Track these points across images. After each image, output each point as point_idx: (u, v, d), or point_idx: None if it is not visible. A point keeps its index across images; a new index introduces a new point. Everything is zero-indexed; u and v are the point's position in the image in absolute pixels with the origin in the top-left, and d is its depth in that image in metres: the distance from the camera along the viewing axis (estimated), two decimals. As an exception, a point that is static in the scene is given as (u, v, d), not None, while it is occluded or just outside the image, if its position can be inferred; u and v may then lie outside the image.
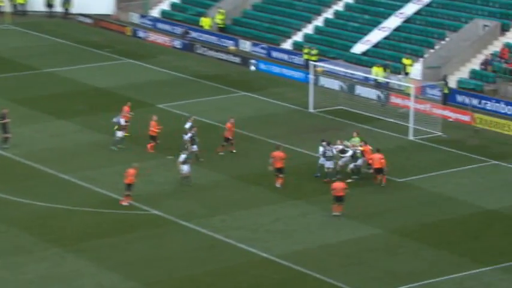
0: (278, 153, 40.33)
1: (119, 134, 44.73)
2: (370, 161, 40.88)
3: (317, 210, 38.08)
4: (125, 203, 38.29)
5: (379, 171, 40.58)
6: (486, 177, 42.14)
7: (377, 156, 40.61)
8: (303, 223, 37.01)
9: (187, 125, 44.07)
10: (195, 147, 42.73)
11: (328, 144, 41.09)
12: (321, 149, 41.11)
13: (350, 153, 41.40)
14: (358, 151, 41.37)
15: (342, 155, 41.38)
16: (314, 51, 57.13)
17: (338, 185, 37.42)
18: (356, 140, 42.56)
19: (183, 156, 40.17)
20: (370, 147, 41.55)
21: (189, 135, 43.15)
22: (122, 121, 45.13)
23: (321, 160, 41.15)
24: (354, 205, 38.49)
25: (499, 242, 35.61)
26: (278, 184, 40.15)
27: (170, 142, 44.89)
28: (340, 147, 41.57)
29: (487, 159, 44.14)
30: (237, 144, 44.87)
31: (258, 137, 46.06)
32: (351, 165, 41.21)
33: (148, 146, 44.34)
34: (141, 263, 33.69)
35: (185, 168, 40.03)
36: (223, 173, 42.12)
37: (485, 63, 53.48)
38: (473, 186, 41.08)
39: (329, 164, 40.83)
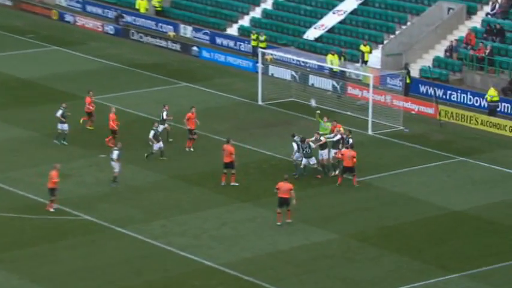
0: (227, 147, 40.52)
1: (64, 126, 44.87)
2: (340, 157, 40.89)
3: (267, 213, 38.28)
4: (51, 209, 38.13)
5: (349, 170, 40.47)
6: (452, 175, 42.74)
7: (350, 153, 40.50)
8: (251, 228, 37.18)
9: (164, 114, 44.43)
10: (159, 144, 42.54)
11: (303, 141, 41.14)
12: (295, 145, 41.25)
13: (338, 137, 41.76)
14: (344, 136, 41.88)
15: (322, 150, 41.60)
16: (263, 38, 57.35)
17: (284, 186, 36.73)
18: (328, 124, 43.01)
19: (116, 153, 40.07)
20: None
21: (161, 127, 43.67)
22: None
23: (296, 156, 41.27)
24: (308, 208, 38.77)
25: (466, 246, 36.16)
26: (223, 182, 40.24)
27: (103, 139, 44.78)
28: (323, 139, 41.68)
29: (453, 156, 44.76)
30: (178, 141, 44.92)
31: (201, 133, 46.11)
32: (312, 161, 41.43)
33: (107, 140, 44.22)
34: (71, 275, 33.58)
35: (117, 166, 39.93)
36: (162, 172, 42.14)
37: (450, 50, 54.13)
38: (438, 185, 41.63)
39: (312, 161, 41.07)
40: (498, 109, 49.30)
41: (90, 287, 32.80)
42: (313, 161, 41.29)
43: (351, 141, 41.84)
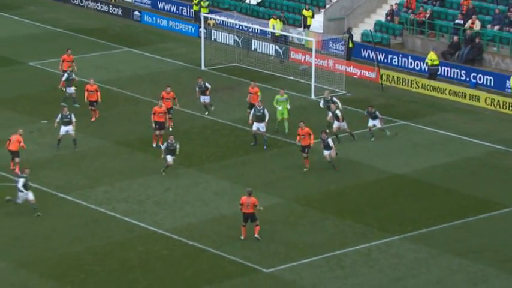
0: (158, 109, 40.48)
1: (71, 90, 44.31)
2: (298, 138, 39.51)
3: (211, 178, 38.40)
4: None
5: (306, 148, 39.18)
6: (393, 139, 43.13)
7: (306, 130, 39.17)
8: (195, 193, 37.25)
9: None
10: None
11: None
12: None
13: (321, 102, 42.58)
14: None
15: None
16: (205, 3, 57.13)
17: (247, 200, 33.43)
18: (284, 97, 42.89)
19: (21, 181, 35.24)
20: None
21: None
22: (72, 74, 44.60)
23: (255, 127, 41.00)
24: (251, 172, 38.96)
25: (407, 209, 36.61)
26: (154, 144, 40.29)
27: (44, 105, 44.49)
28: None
29: (394, 120, 45.17)
30: (120, 106, 44.70)
31: (144, 98, 45.97)
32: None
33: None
34: (12, 242, 33.41)
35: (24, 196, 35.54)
36: (104, 138, 42.00)
37: (391, 14, 54.40)
38: (379, 148, 42.01)
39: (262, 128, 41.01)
40: (438, 73, 49.79)
41: (33, 254, 32.69)
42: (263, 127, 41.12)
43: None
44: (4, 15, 58.79)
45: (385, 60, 51.71)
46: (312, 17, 55.11)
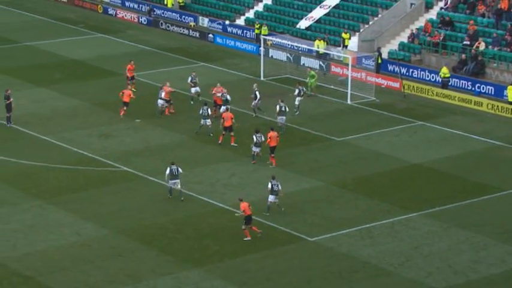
0: (227, 114, 40.16)
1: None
2: (268, 140, 37.78)
3: (267, 166, 38.18)
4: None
5: (273, 149, 37.71)
6: (412, 136, 42.59)
7: (274, 134, 37.89)
8: (255, 178, 37.09)
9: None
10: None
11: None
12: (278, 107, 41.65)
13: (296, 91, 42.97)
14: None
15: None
16: (264, 28, 56.92)
17: (245, 205, 31.48)
18: (312, 73, 45.62)
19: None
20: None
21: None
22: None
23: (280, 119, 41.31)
24: (299, 161, 38.70)
25: (423, 191, 36.12)
26: (220, 141, 39.97)
27: (138, 107, 44.65)
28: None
29: (414, 120, 44.58)
30: (196, 110, 44.62)
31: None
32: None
33: (121, 111, 43.80)
34: (113, 214, 33.62)
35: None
36: (184, 134, 42.02)
37: (412, 36, 53.79)
38: (401, 143, 41.51)
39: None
40: (449, 83, 49.04)
41: (128, 223, 32.83)
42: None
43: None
44: (109, 37, 59.17)
45: (407, 73, 51.04)
46: (349, 38, 54.64)
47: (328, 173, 37.73)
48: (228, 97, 43.65)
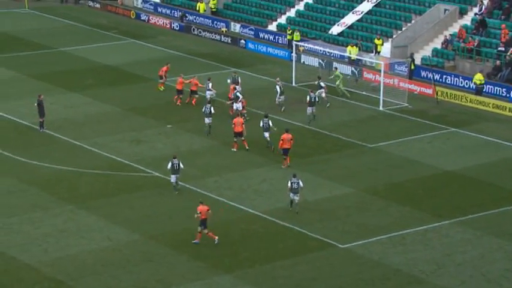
0: (238, 120, 40.14)
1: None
2: (280, 143, 38.00)
3: (298, 172, 38.07)
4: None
5: (287, 151, 37.90)
6: (445, 142, 42.34)
7: (288, 136, 38.01)
8: (285, 184, 37.06)
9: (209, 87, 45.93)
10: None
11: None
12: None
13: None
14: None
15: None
16: (296, 33, 56.97)
17: (203, 209, 31.27)
18: (337, 73, 46.83)
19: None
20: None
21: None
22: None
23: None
24: (330, 167, 38.65)
25: (455, 198, 35.88)
26: (235, 149, 40.02)
27: (169, 113, 44.90)
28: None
29: (447, 127, 44.32)
30: (226, 116, 44.79)
31: (247, 108, 45.99)
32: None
33: (175, 98, 45.30)
34: (144, 219, 33.84)
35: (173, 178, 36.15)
36: (215, 140, 42.17)
37: (446, 42, 53.50)
38: (434, 150, 41.28)
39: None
40: (483, 90, 48.67)
41: (159, 228, 33.01)
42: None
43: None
44: (141, 43, 59.61)
45: (440, 80, 50.77)
46: (382, 44, 54.50)
47: (359, 179, 37.63)
48: (239, 94, 43.91)
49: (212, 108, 42.02)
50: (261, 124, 39.53)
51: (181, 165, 35.50)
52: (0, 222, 33.22)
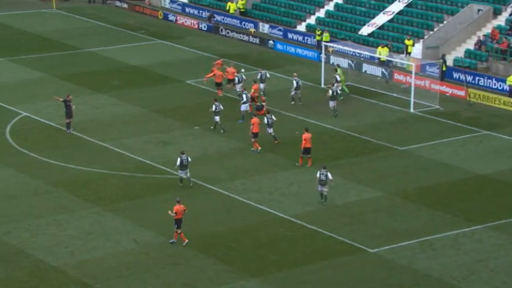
0: (256, 120, 40.35)
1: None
2: (303, 142, 38.15)
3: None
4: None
5: (307, 151, 38.12)
6: (478, 145, 42.04)
7: (308, 135, 38.24)
8: (314, 187, 37.04)
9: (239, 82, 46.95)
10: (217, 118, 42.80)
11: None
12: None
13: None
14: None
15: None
16: (326, 34, 56.89)
17: (179, 208, 31.74)
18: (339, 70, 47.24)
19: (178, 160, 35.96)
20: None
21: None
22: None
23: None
24: (360, 170, 38.55)
25: (488, 203, 35.61)
26: (259, 147, 40.20)
27: (196, 115, 45.03)
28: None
29: (479, 130, 44.01)
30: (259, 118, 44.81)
31: (274, 110, 46.01)
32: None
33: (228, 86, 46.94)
34: (170, 221, 33.89)
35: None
36: (242, 142, 42.23)
37: (479, 43, 53.13)
38: (466, 153, 41.01)
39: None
40: (517, 92, 48.32)
41: (186, 232, 33.05)
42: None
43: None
44: (169, 43, 59.86)
45: (473, 81, 50.44)
46: (413, 45, 54.28)
47: (389, 183, 37.49)
48: (244, 96, 44.18)
49: (221, 106, 42.54)
50: (265, 121, 40.71)
51: (190, 160, 36.26)
52: (27, 224, 33.54)
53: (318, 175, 34.91)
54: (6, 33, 61.38)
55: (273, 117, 40.55)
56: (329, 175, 34.45)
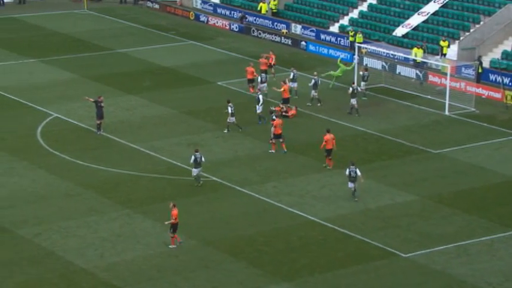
0: (278, 121, 40.31)
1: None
2: (324, 143, 38.30)
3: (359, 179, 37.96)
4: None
5: (330, 152, 38.30)
6: (515, 149, 41.70)
7: (330, 136, 38.35)
8: (346, 190, 36.99)
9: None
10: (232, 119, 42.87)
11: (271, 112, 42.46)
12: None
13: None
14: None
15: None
16: (359, 35, 56.74)
17: (174, 211, 32.12)
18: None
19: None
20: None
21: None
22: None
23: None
24: (393, 174, 38.39)
25: (525, 208, 35.28)
26: (284, 149, 40.36)
27: (227, 116, 45.11)
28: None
29: (516, 133, 43.66)
30: (291, 120, 44.79)
31: (306, 112, 46.01)
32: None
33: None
34: (201, 224, 34.07)
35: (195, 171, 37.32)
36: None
37: (516, 44, 52.65)
38: (502, 157, 40.66)
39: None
40: (556, 94, 47.80)
41: (216, 234, 33.21)
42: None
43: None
44: (200, 44, 60.05)
45: (510, 83, 50.00)
46: (448, 46, 53.95)
47: (423, 186, 37.29)
48: (261, 97, 43.94)
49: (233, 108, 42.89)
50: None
51: (203, 159, 36.60)
52: (57, 226, 33.84)
53: (347, 172, 35.25)
54: (38, 34, 62.00)
55: (274, 116, 40.90)
56: (358, 171, 34.73)
